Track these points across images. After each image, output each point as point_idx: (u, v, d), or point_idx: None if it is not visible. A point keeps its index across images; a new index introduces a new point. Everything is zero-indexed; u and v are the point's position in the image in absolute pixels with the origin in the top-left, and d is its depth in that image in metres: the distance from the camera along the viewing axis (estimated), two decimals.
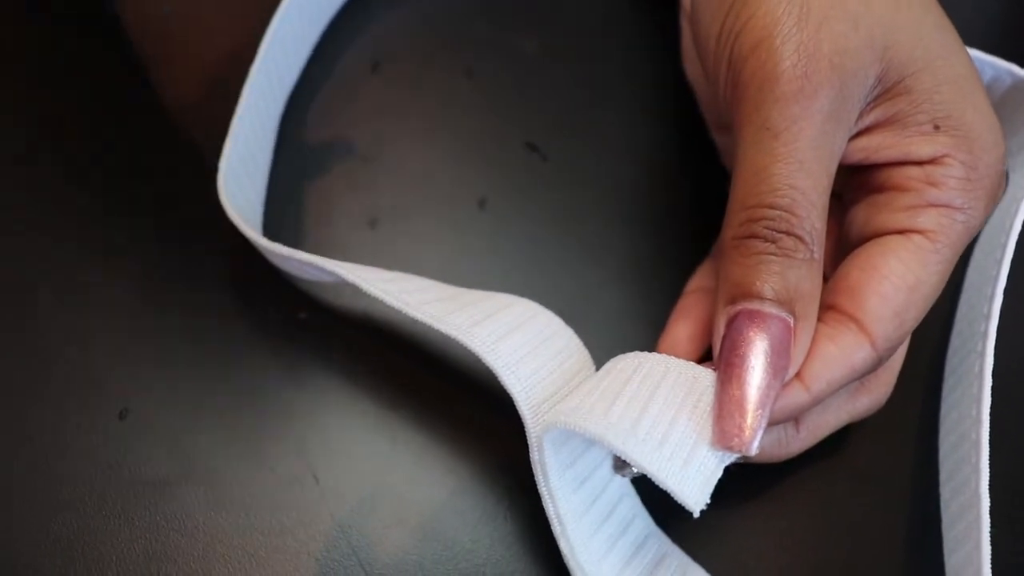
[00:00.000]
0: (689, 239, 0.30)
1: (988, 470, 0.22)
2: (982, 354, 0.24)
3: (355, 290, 0.29)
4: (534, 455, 0.22)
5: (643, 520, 0.24)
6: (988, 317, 0.25)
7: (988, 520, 0.22)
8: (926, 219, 0.21)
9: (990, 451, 0.23)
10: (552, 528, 0.22)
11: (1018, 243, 0.27)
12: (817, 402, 0.21)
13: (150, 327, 0.28)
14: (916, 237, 0.21)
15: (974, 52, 0.27)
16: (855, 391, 0.24)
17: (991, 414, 0.24)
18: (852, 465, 0.27)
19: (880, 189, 0.23)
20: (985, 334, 0.24)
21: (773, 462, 0.24)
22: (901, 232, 0.22)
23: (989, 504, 0.22)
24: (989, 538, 0.21)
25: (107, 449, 0.26)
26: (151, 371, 0.28)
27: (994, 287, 0.25)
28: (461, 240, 0.30)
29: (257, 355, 0.28)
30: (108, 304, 0.29)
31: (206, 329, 0.28)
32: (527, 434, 0.22)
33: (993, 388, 0.24)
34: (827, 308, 0.22)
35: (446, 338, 0.28)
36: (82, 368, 0.28)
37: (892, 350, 0.22)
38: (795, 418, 0.23)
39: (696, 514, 0.19)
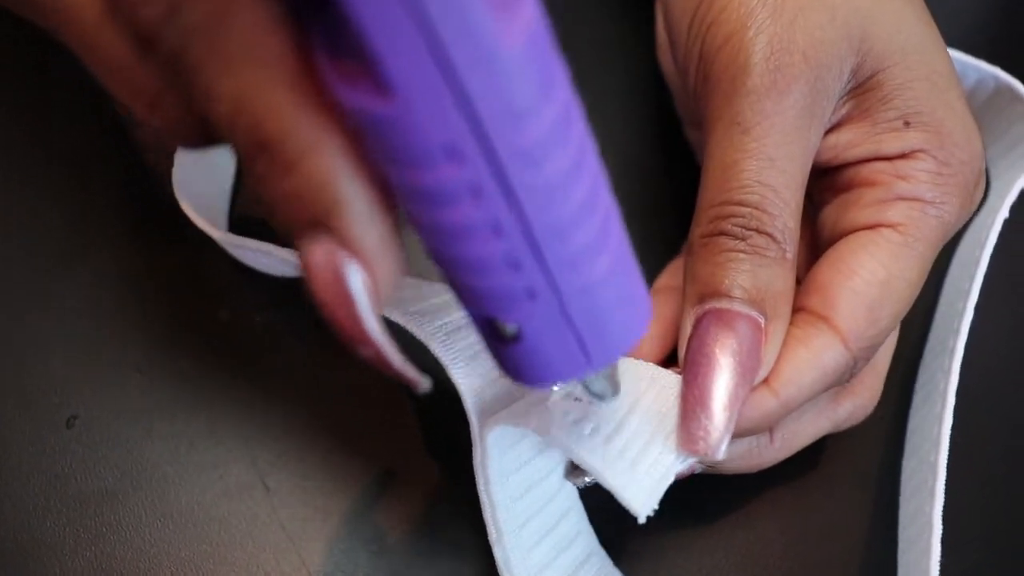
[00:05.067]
0: (663, 240, 0.29)
1: (943, 496, 0.22)
2: (948, 372, 0.23)
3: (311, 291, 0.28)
4: (477, 456, 0.21)
5: (587, 538, 0.23)
6: (957, 333, 0.24)
7: (939, 549, 0.21)
8: (895, 212, 0.21)
9: (951, 473, 0.22)
10: (489, 536, 0.21)
11: (997, 257, 0.26)
12: (788, 409, 0.20)
13: (99, 332, 0.27)
14: (886, 231, 0.21)
15: (958, 55, 0.26)
16: (837, 395, 0.23)
17: (955, 432, 0.23)
18: (822, 476, 0.26)
19: (849, 187, 0.22)
20: (953, 351, 0.23)
21: (745, 473, 0.23)
22: (870, 227, 0.21)
23: (941, 532, 0.21)
24: (939, 569, 0.20)
25: (53, 458, 0.26)
26: (100, 378, 0.27)
27: (965, 301, 0.24)
28: None
29: (208, 359, 0.27)
30: (56, 309, 0.28)
31: (156, 334, 0.27)
32: (472, 433, 0.22)
33: (959, 405, 0.23)
34: (797, 310, 0.21)
35: (405, 342, 0.27)
36: (28, 375, 0.27)
37: (869, 350, 0.21)
38: (768, 427, 0.22)
39: (642, 519, 0.18)
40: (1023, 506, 0.26)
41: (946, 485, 0.22)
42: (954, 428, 0.23)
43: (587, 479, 0.22)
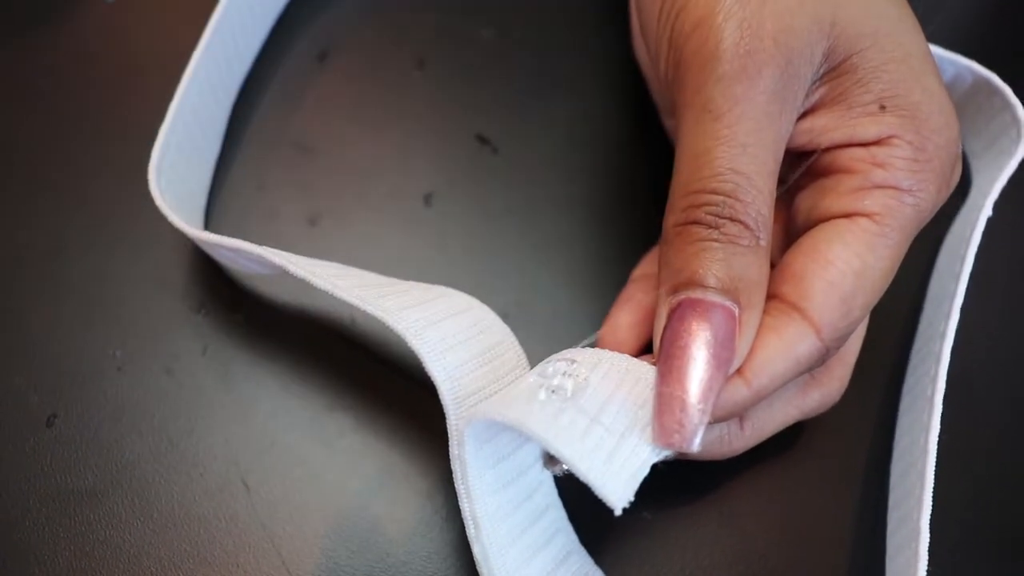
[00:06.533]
0: (644, 236, 0.29)
1: (931, 503, 0.21)
2: (935, 377, 0.23)
3: (291, 290, 0.28)
4: (453, 450, 0.21)
5: (567, 535, 0.23)
6: (944, 336, 0.23)
7: (926, 557, 0.20)
8: (872, 201, 0.20)
9: (939, 479, 0.22)
10: (467, 531, 0.21)
11: (981, 257, 0.26)
12: (760, 398, 0.20)
13: (79, 331, 0.27)
14: (862, 220, 0.20)
15: (934, 49, 0.26)
16: (805, 385, 0.23)
17: (942, 436, 0.23)
18: (808, 476, 0.26)
19: (826, 173, 0.22)
20: (939, 355, 0.23)
21: (716, 460, 0.23)
22: (847, 215, 0.21)
23: (929, 540, 0.21)
24: (926, 574, 0.20)
25: (33, 457, 0.26)
26: (80, 377, 0.27)
27: (951, 302, 0.24)
28: (405, 238, 0.29)
29: (188, 358, 0.27)
30: (35, 305, 0.28)
31: (135, 333, 0.27)
32: (448, 427, 0.21)
33: (947, 408, 0.23)
34: (770, 298, 0.21)
35: (384, 341, 0.28)
36: (8, 374, 0.27)
37: (840, 340, 0.21)
38: (738, 415, 0.22)
39: (618, 512, 0.18)
40: (1010, 510, 0.25)
41: (933, 491, 0.22)
42: (941, 432, 0.23)
43: (564, 467, 0.22)
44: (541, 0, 0.34)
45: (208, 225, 0.30)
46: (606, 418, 0.19)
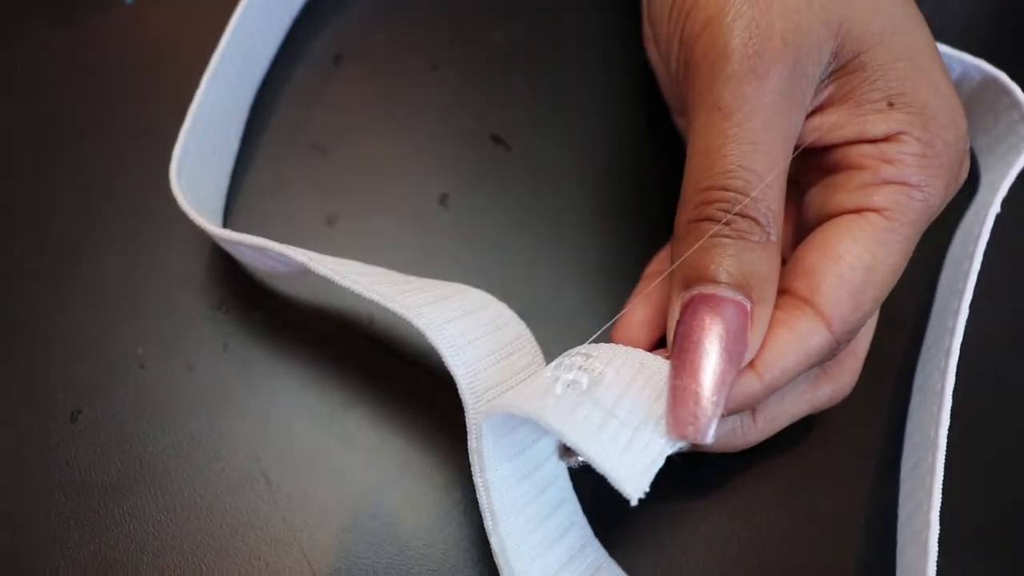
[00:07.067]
0: (657, 233, 0.29)
1: (940, 497, 0.22)
2: (944, 372, 0.23)
3: (311, 288, 0.29)
4: (472, 443, 0.21)
5: (581, 529, 0.23)
6: (953, 332, 0.23)
7: (936, 550, 0.21)
8: (881, 197, 0.21)
9: (949, 473, 0.22)
10: (484, 523, 0.21)
11: (990, 254, 0.26)
12: (772, 391, 0.20)
13: (103, 329, 0.28)
14: (871, 215, 0.21)
15: (941, 47, 0.26)
16: (816, 379, 0.23)
17: (952, 432, 0.23)
18: (822, 472, 0.26)
19: (835, 169, 0.22)
20: (949, 351, 0.23)
21: (728, 452, 0.24)
22: (856, 211, 0.21)
23: (939, 533, 0.21)
24: (935, 570, 0.21)
25: (58, 452, 0.26)
26: (104, 374, 0.27)
27: (960, 301, 0.24)
28: (421, 238, 0.30)
29: (209, 355, 0.27)
30: (59, 303, 0.28)
31: (157, 330, 0.28)
32: (467, 420, 0.22)
33: (957, 404, 0.23)
34: (781, 293, 0.21)
35: (401, 338, 0.28)
36: (34, 371, 0.27)
37: (851, 334, 0.21)
38: (751, 407, 0.22)
39: (634, 502, 0.18)
40: (1021, 504, 0.26)
41: (944, 485, 0.22)
42: (952, 428, 0.23)
43: (580, 459, 0.22)
44: (552, 1, 0.35)
45: (227, 225, 0.30)
46: (621, 411, 0.19)
